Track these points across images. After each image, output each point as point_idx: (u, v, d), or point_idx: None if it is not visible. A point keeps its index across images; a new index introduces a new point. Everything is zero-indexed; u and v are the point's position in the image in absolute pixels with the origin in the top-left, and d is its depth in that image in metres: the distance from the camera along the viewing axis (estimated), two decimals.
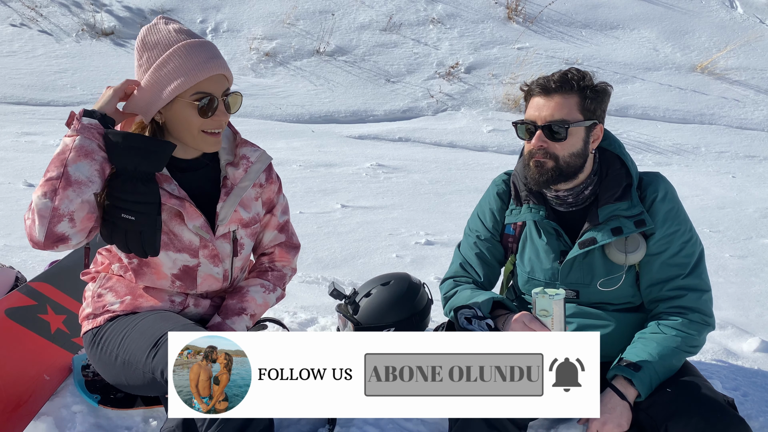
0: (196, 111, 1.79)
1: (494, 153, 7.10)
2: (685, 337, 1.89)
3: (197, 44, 1.81)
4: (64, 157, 1.69)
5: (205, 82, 1.80)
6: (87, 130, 1.71)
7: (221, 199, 1.94)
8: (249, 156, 2.01)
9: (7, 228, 4.08)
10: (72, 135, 1.71)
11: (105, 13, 8.36)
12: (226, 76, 1.85)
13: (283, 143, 6.51)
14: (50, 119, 6.69)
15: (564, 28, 9.63)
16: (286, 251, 2.19)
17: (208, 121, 1.82)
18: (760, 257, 4.53)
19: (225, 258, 1.99)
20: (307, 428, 2.13)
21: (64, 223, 1.68)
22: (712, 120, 8.34)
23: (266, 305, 2.08)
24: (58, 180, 1.67)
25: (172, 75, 1.77)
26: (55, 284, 2.46)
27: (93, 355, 1.95)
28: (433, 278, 3.70)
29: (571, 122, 1.90)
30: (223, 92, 1.84)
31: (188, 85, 1.77)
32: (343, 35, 8.84)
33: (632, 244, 1.95)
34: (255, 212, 2.05)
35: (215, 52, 1.83)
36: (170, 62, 1.78)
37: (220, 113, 1.83)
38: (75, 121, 1.73)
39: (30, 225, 1.69)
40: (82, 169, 1.69)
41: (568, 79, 1.91)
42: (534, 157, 1.94)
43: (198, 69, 1.77)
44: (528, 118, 1.95)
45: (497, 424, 1.77)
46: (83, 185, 1.69)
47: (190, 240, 1.91)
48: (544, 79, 1.93)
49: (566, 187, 2.00)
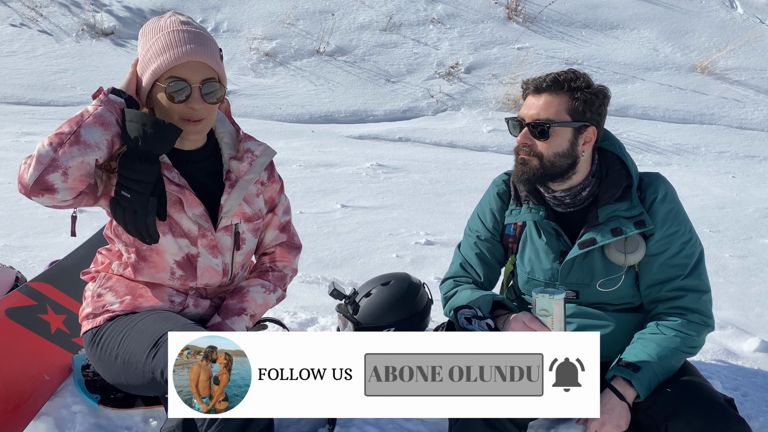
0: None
1: (494, 153, 7.10)
2: (684, 337, 1.89)
3: (185, 31, 1.80)
4: (80, 119, 1.72)
5: (181, 67, 1.78)
6: (111, 104, 1.76)
7: (225, 191, 1.94)
8: (253, 150, 2.01)
9: (7, 228, 4.08)
10: (96, 105, 1.75)
11: (105, 13, 8.36)
12: (211, 67, 1.82)
13: (283, 143, 6.51)
14: (50, 119, 6.69)
15: (564, 28, 9.63)
16: (288, 251, 2.19)
17: (182, 108, 1.80)
18: (760, 257, 4.53)
19: (225, 251, 1.98)
20: (307, 428, 2.13)
21: (57, 174, 1.68)
22: (712, 120, 8.35)
23: (266, 306, 2.08)
24: (67, 135, 1.69)
25: (152, 59, 1.79)
26: (55, 284, 2.46)
27: (93, 355, 1.95)
28: (433, 278, 3.70)
29: (555, 122, 1.91)
30: (202, 80, 1.80)
31: (162, 69, 1.77)
32: (343, 35, 8.84)
33: (632, 245, 1.95)
34: (258, 208, 2.05)
35: (202, 41, 1.81)
36: (153, 47, 1.80)
37: (194, 101, 1.80)
38: (102, 95, 1.77)
39: (24, 169, 1.70)
40: (94, 134, 1.72)
41: (560, 80, 1.93)
42: (519, 154, 1.98)
43: (173, 54, 1.77)
44: (519, 115, 1.99)
45: (497, 424, 1.77)
46: (89, 147, 1.71)
47: (189, 228, 1.91)
48: (539, 78, 1.97)
49: (561, 188, 2.00)
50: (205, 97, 1.81)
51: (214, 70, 1.83)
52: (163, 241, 1.89)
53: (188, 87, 1.79)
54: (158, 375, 1.69)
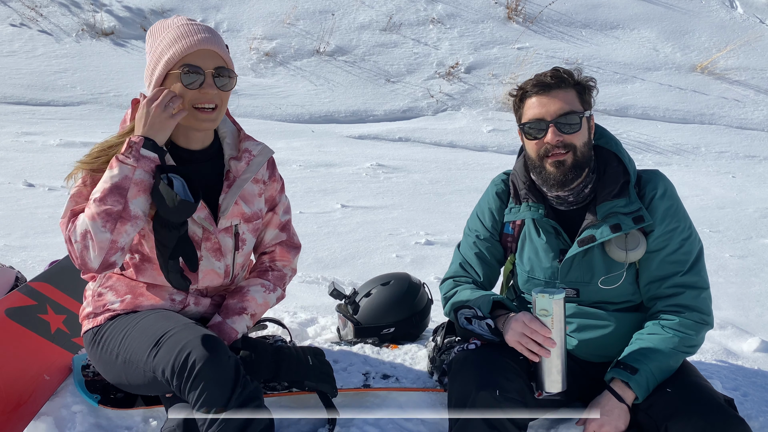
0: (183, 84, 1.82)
1: (494, 153, 7.10)
2: (682, 337, 1.89)
3: (194, 24, 1.86)
4: (124, 190, 1.74)
5: (194, 55, 1.82)
6: (146, 163, 1.77)
7: (223, 190, 1.96)
8: (251, 149, 2.03)
9: (7, 228, 4.08)
10: (132, 165, 1.75)
11: (105, 13, 8.36)
12: (219, 54, 1.86)
13: (283, 143, 6.51)
14: (50, 119, 6.69)
15: (564, 28, 9.63)
16: (287, 251, 2.19)
17: (196, 94, 1.83)
18: (760, 257, 4.53)
19: (227, 253, 1.99)
20: (307, 428, 2.13)
21: (118, 254, 1.77)
22: (712, 120, 8.35)
23: (266, 305, 2.08)
24: (117, 214, 1.74)
25: (164, 50, 1.83)
26: (55, 284, 2.46)
27: (93, 354, 1.95)
28: (433, 278, 3.70)
29: (579, 112, 1.93)
30: (214, 68, 1.85)
31: (177, 57, 1.81)
32: (343, 35, 8.84)
33: (632, 242, 1.95)
34: (257, 208, 2.06)
35: (212, 32, 1.87)
36: (165, 39, 1.83)
37: (208, 86, 1.83)
38: (134, 150, 1.76)
39: (82, 251, 1.75)
40: (141, 204, 1.78)
41: (562, 75, 1.94)
42: (550, 156, 1.94)
43: (186, 42, 1.81)
44: (533, 117, 1.95)
45: (497, 425, 1.77)
46: (139, 219, 1.78)
47: (193, 231, 1.92)
48: (537, 80, 1.96)
49: (570, 186, 2.00)
50: (217, 82, 1.85)
51: (224, 59, 1.87)
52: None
53: (202, 73, 1.82)
54: (159, 374, 1.69)
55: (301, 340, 2.72)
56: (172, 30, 1.84)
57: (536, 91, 1.95)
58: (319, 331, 2.87)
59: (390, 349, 2.51)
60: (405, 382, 2.27)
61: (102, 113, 7.00)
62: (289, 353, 2.02)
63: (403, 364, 2.41)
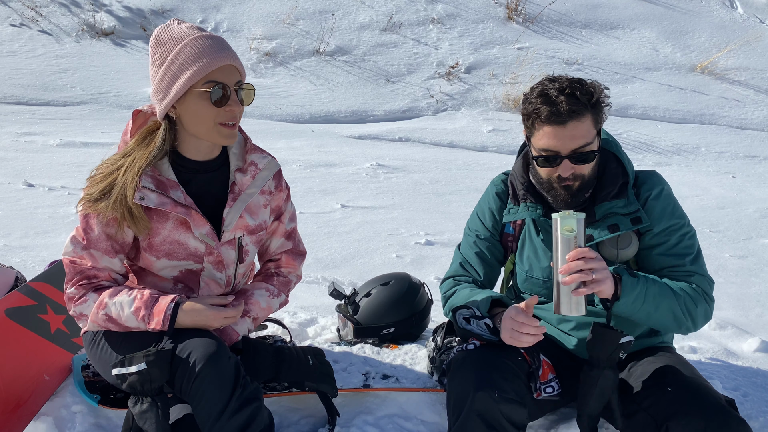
0: (209, 101, 1.76)
1: (494, 153, 7.10)
2: (686, 296, 1.87)
3: (208, 37, 1.80)
4: (129, 329, 1.84)
5: (217, 71, 1.77)
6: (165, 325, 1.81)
7: (228, 204, 1.93)
8: (258, 163, 1.99)
9: (7, 228, 4.08)
10: (158, 328, 1.80)
11: (105, 13, 8.36)
12: (237, 69, 1.83)
13: (283, 143, 6.51)
14: (50, 119, 6.69)
15: (564, 28, 9.63)
16: (293, 258, 2.18)
17: (221, 112, 1.78)
18: (760, 257, 4.53)
19: (230, 264, 1.97)
20: (307, 428, 2.13)
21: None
22: (712, 120, 8.35)
23: (269, 309, 2.07)
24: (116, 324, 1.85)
25: (184, 66, 1.76)
26: (55, 284, 2.46)
27: (93, 355, 1.95)
28: (433, 278, 3.70)
29: (592, 143, 1.88)
30: (236, 83, 1.81)
31: (201, 74, 1.75)
32: (343, 35, 8.84)
33: (624, 241, 1.95)
34: (262, 219, 2.03)
35: (226, 45, 1.83)
36: (182, 54, 1.76)
37: (233, 103, 1.80)
38: (169, 325, 1.80)
39: (77, 318, 1.91)
40: (133, 322, 1.84)
41: (578, 100, 1.84)
42: (562, 183, 1.91)
43: (210, 59, 1.75)
44: (547, 147, 1.88)
45: (496, 424, 1.76)
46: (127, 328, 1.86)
47: (195, 247, 1.90)
48: (552, 106, 1.83)
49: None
50: (241, 97, 1.82)
51: (241, 73, 1.85)
52: (157, 264, 1.89)
53: (229, 89, 1.79)
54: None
55: (301, 341, 2.72)
56: (190, 44, 1.77)
57: (552, 121, 1.85)
58: (319, 331, 2.87)
59: (390, 349, 2.51)
60: (405, 382, 2.27)
61: (102, 113, 7.00)
62: (289, 353, 2.02)
63: (403, 364, 2.41)
